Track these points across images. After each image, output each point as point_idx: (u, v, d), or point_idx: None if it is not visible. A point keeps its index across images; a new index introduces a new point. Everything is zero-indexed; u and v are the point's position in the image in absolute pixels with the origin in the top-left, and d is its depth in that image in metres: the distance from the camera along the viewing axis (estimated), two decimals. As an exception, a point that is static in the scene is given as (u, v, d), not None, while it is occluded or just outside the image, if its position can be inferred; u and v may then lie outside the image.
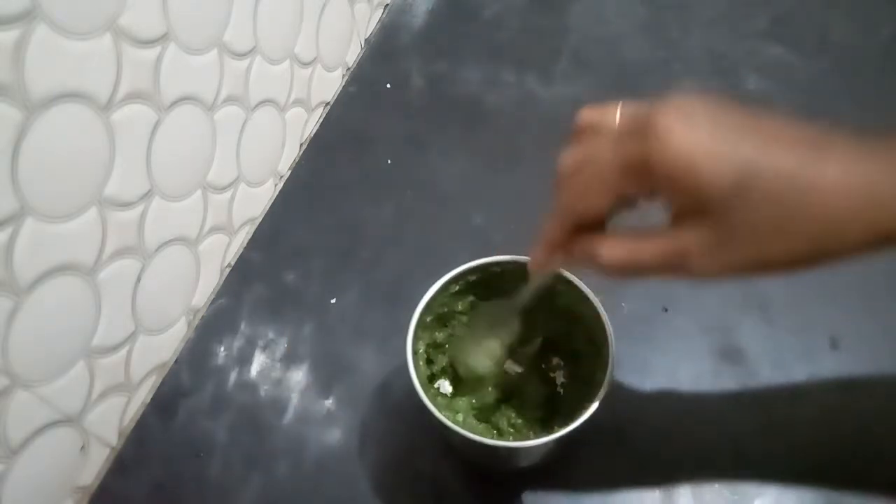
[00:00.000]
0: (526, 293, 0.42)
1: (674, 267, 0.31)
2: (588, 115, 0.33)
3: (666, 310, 0.53)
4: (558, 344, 0.48)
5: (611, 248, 0.32)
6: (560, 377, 0.49)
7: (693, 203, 0.29)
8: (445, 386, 0.49)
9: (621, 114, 0.32)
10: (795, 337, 0.52)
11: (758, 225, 0.29)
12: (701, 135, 0.29)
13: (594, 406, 0.38)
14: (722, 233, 0.29)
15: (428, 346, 0.47)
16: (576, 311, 0.44)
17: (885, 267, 0.53)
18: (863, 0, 0.73)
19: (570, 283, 0.43)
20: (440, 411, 0.40)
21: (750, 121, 0.30)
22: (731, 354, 0.51)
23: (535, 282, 0.41)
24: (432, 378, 0.48)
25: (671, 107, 0.29)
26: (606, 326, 0.41)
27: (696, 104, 0.30)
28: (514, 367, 0.49)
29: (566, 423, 0.38)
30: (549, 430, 0.41)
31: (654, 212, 0.32)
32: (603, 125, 0.32)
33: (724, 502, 0.45)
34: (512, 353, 0.48)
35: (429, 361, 0.47)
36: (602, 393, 0.39)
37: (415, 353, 0.42)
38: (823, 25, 0.71)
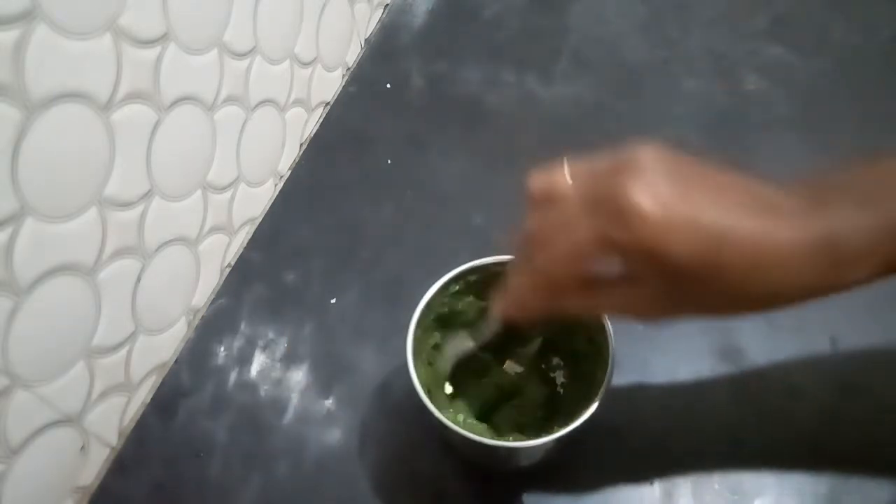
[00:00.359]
0: (484, 333, 0.43)
1: (626, 316, 0.35)
2: (538, 182, 0.34)
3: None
4: (558, 344, 0.48)
5: (574, 302, 0.35)
6: (560, 377, 0.49)
7: (657, 273, 0.31)
8: (445, 386, 0.49)
9: (571, 174, 0.33)
10: (795, 337, 0.51)
11: (715, 294, 0.31)
12: (667, 208, 0.29)
13: (594, 406, 0.38)
14: (679, 297, 0.32)
15: (428, 346, 0.47)
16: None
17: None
18: (863, 0, 0.73)
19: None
20: (440, 411, 0.40)
21: (706, 180, 0.31)
22: (731, 354, 0.51)
23: (493, 326, 0.42)
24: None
25: (631, 175, 0.30)
26: (606, 326, 0.41)
27: (652, 167, 0.30)
28: (514, 367, 0.49)
29: (566, 423, 0.38)
30: (550, 430, 0.41)
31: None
32: (557, 190, 0.33)
33: (724, 502, 0.45)
34: (510, 354, 0.49)
35: (428, 362, 0.47)
36: (602, 393, 0.39)
37: (415, 353, 0.42)
38: (823, 25, 0.71)
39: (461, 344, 0.46)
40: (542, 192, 0.34)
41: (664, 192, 0.30)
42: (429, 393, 0.41)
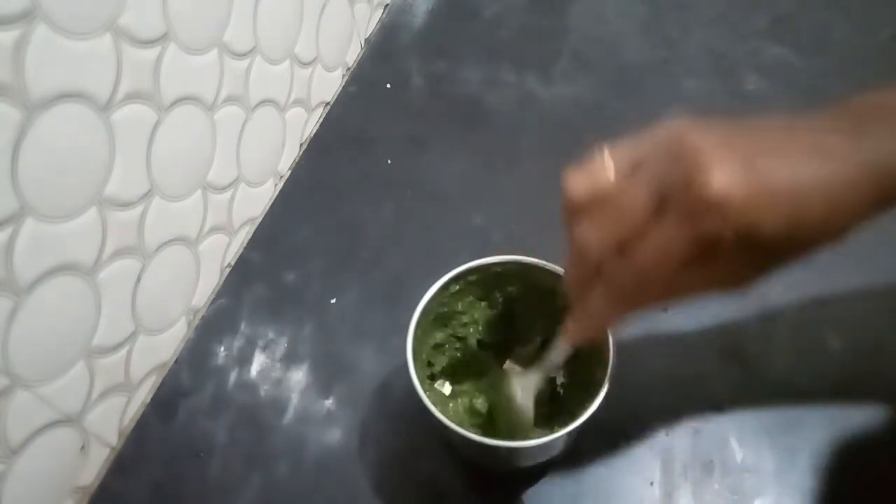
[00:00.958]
0: (555, 363, 0.41)
1: (711, 293, 0.32)
2: (578, 184, 0.32)
3: (666, 309, 0.53)
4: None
5: (656, 301, 0.33)
6: (560, 377, 0.49)
7: (748, 248, 0.30)
8: (445, 386, 0.49)
9: (613, 170, 0.31)
10: (796, 336, 0.52)
11: (798, 247, 0.30)
12: (748, 185, 0.28)
13: (594, 406, 0.38)
14: (764, 261, 0.31)
15: (428, 346, 0.47)
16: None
17: (884, 265, 0.53)
18: (863, 0, 0.73)
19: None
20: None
21: (759, 142, 0.30)
22: (731, 354, 0.51)
23: (565, 353, 0.40)
24: (432, 378, 0.48)
25: (697, 161, 0.28)
26: None
27: (710, 146, 0.29)
28: (513, 367, 0.49)
29: (566, 423, 0.38)
30: (550, 430, 0.41)
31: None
32: (603, 190, 0.31)
33: (724, 502, 0.45)
34: (510, 354, 0.49)
35: (428, 362, 0.47)
36: (602, 392, 0.39)
37: (414, 353, 0.42)
38: (823, 25, 0.71)
39: (532, 382, 0.42)
40: (585, 195, 0.31)
41: (737, 169, 0.28)
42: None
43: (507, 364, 0.49)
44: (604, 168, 0.31)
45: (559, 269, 0.43)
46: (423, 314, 0.43)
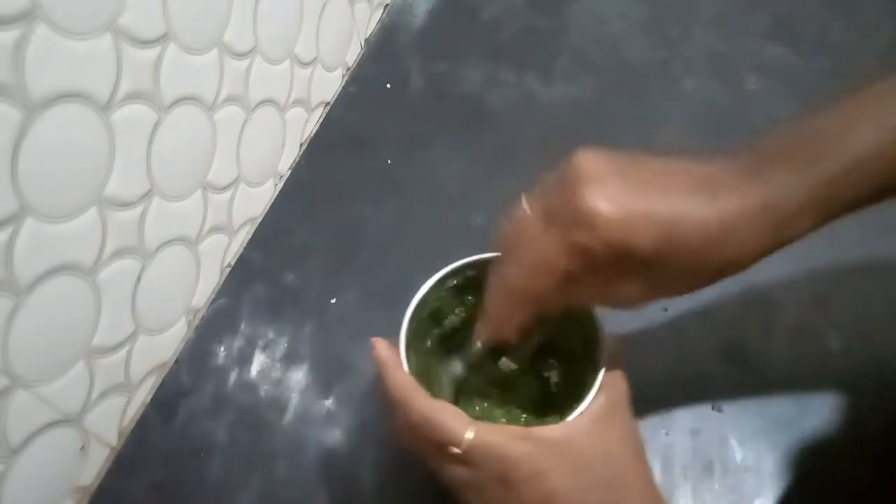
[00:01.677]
0: (472, 357, 0.43)
1: (606, 306, 0.37)
2: (504, 226, 0.37)
3: (666, 310, 0.53)
4: (553, 344, 0.48)
5: (553, 306, 0.37)
6: (554, 376, 0.49)
7: (624, 266, 0.33)
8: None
9: (527, 203, 0.35)
10: (796, 336, 0.51)
11: (679, 273, 0.33)
12: (622, 206, 0.31)
13: (582, 406, 0.38)
14: (648, 282, 0.34)
15: (423, 341, 0.46)
16: (572, 311, 0.44)
17: (886, 265, 0.53)
18: (863, 0, 0.73)
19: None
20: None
21: (646, 172, 0.33)
22: (731, 354, 0.51)
23: (479, 351, 0.42)
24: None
25: (580, 183, 0.32)
26: (599, 326, 0.41)
27: (595, 171, 0.32)
28: (508, 365, 0.49)
29: (558, 423, 0.38)
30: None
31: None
32: (518, 221, 0.36)
33: (724, 502, 0.45)
34: (506, 351, 0.48)
35: (418, 370, 0.47)
36: (591, 394, 0.38)
37: (408, 348, 0.41)
38: (823, 25, 0.71)
39: (453, 370, 0.45)
40: (508, 230, 0.36)
41: (614, 191, 0.32)
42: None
43: (503, 361, 0.49)
44: (522, 207, 0.36)
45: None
46: (419, 309, 0.43)
